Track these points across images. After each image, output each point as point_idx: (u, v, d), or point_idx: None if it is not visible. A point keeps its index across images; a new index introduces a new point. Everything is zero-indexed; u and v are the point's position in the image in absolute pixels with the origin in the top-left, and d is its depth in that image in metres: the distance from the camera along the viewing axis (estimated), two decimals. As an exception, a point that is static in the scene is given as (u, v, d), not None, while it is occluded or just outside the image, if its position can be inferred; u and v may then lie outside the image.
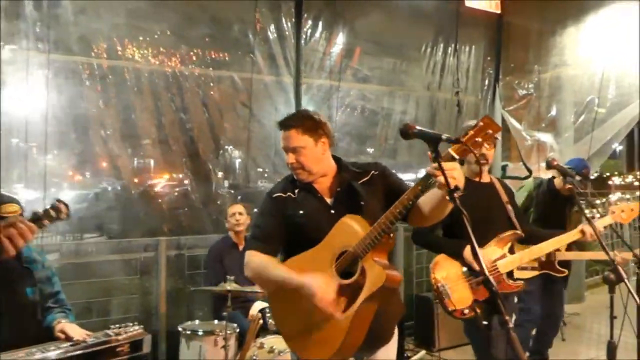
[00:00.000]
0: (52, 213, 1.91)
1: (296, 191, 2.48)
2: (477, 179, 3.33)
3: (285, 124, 2.44)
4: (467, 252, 3.14)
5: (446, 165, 1.91)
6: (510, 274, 3.30)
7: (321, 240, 2.35)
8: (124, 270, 4.51)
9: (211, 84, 5.05)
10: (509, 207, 3.46)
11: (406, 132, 1.89)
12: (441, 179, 1.89)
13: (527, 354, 4.57)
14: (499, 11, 5.93)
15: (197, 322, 3.86)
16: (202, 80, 5.00)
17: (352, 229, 2.29)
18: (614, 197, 10.59)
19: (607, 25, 5.71)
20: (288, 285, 2.30)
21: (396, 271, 2.28)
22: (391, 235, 2.29)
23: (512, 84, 6.77)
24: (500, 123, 6.60)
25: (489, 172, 3.60)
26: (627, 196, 10.71)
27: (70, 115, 4.38)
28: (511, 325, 1.48)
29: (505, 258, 3.28)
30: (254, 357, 3.45)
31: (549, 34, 6.31)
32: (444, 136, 1.85)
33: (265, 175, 5.53)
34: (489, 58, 6.81)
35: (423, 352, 5.46)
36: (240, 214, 4.42)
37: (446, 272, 3.21)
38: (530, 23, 6.48)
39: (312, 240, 2.37)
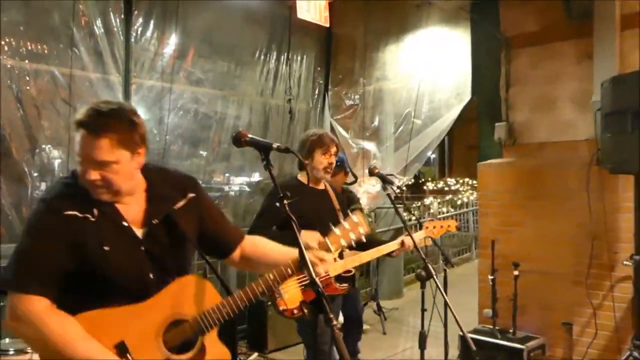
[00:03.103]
0: None
1: (95, 211, 1.79)
2: (312, 185, 3.53)
3: (94, 127, 1.72)
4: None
5: (323, 255, 2.00)
6: (338, 278, 3.53)
7: (121, 290, 1.78)
8: None
9: (27, 78, 4.61)
10: (340, 214, 3.69)
11: (239, 140, 1.91)
12: (320, 269, 1.96)
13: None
14: (327, 25, 6.23)
15: (6, 340, 3.48)
16: (15, 73, 4.53)
17: (196, 295, 1.89)
18: (428, 200, 11.73)
19: (422, 45, 6.32)
20: None
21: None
22: None
23: (340, 94, 7.16)
24: (329, 131, 6.96)
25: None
26: (438, 200, 11.94)
27: None
28: (335, 323, 1.58)
29: (335, 262, 3.50)
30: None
31: (373, 49, 6.80)
32: (275, 145, 1.87)
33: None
34: (319, 68, 7.13)
35: (255, 354, 5.54)
36: None
37: None
38: (357, 38, 6.92)
39: (108, 288, 1.78)
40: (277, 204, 1.81)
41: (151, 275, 1.85)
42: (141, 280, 1.82)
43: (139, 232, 1.87)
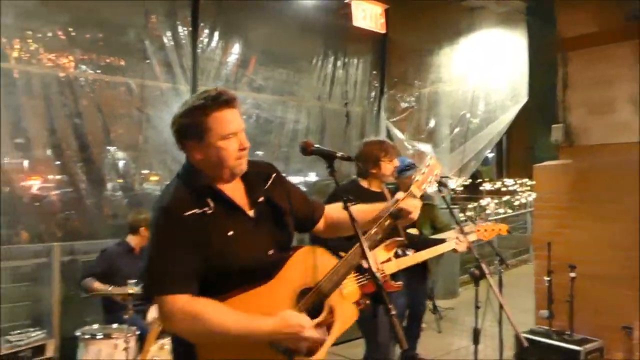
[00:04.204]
0: None
1: (210, 202, 1.88)
2: (372, 188, 3.73)
3: (230, 101, 1.86)
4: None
5: (413, 201, 2.10)
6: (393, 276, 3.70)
7: (245, 270, 1.86)
8: (11, 277, 4.38)
9: (106, 89, 5.03)
10: None
11: (305, 149, 1.99)
12: (414, 214, 2.07)
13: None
14: (384, 31, 6.40)
15: (95, 326, 3.85)
16: (96, 85, 4.96)
17: (314, 262, 2.00)
18: (484, 201, 11.65)
19: (477, 48, 6.39)
20: (255, 337, 1.81)
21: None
22: None
23: (395, 96, 7.31)
24: (385, 133, 7.12)
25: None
26: (496, 201, 11.81)
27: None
28: (393, 312, 1.76)
29: (390, 262, 3.67)
30: (155, 358, 3.53)
31: (428, 52, 6.92)
32: (339, 154, 1.97)
33: (157, 178, 5.57)
34: (374, 72, 7.30)
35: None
36: None
37: None
38: (412, 42, 7.04)
39: (234, 272, 1.86)
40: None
41: (270, 252, 1.94)
42: (262, 258, 1.91)
43: (250, 213, 1.95)
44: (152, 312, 4.01)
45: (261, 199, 1.99)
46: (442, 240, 4.01)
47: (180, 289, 1.78)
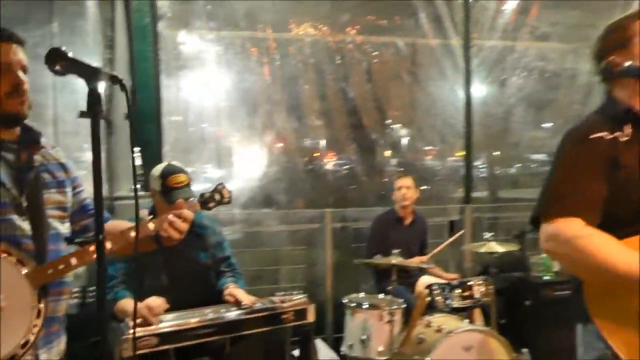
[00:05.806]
0: (217, 197, 2.08)
1: (627, 129, 1.69)
2: None
3: None
4: None
5: None
6: None
7: None
8: (291, 240, 4.61)
9: (374, 52, 4.92)
10: None
11: (610, 70, 1.51)
12: None
13: None
14: None
15: (362, 294, 3.77)
16: (364, 48, 4.88)
17: None
18: None
19: None
20: None
21: None
22: None
23: None
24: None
25: None
26: None
27: (240, 91, 4.52)
28: None
29: None
30: (421, 336, 3.24)
31: None
32: None
33: (431, 148, 5.27)
34: None
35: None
36: (407, 187, 4.23)
37: None
38: None
39: None
40: None
41: None
42: None
43: None
44: (420, 285, 3.76)
45: None
46: None
47: (579, 213, 1.63)
